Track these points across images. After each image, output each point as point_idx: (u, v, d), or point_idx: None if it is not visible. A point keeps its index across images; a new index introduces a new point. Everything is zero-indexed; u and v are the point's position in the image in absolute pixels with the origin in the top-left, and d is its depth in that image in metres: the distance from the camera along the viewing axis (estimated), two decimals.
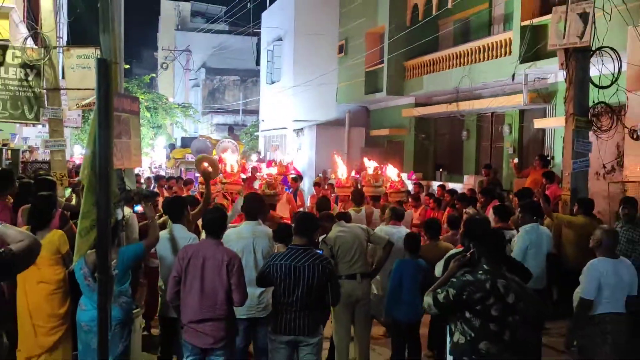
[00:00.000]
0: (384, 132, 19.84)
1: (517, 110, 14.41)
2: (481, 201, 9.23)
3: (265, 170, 11.14)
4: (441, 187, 12.27)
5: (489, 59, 14.26)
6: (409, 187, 12.25)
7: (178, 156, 23.05)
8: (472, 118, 16.14)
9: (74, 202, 7.33)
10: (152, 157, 30.45)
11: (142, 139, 6.38)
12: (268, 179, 8.79)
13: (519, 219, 6.83)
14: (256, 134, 29.26)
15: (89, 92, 8.78)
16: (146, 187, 12.44)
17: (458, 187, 13.00)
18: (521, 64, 11.89)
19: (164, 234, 5.44)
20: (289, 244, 5.01)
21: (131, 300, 5.02)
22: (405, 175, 13.70)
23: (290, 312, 4.68)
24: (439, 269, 5.22)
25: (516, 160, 13.14)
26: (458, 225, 7.31)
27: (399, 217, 6.88)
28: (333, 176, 12.08)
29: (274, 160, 16.85)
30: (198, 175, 9.37)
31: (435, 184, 14.17)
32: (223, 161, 9.24)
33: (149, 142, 30.11)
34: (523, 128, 14.56)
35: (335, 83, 21.96)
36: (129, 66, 28.80)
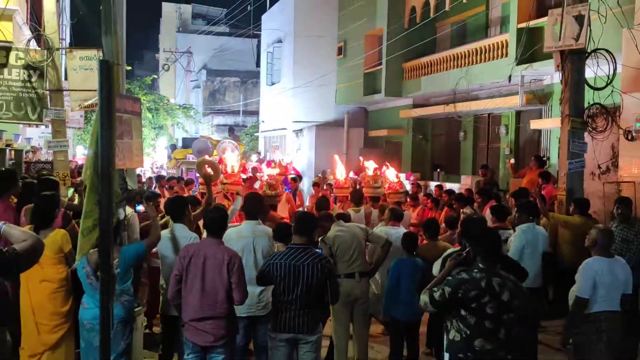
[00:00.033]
0: (383, 132, 19.85)
1: (513, 111, 14.41)
2: (478, 201, 9.23)
3: (265, 170, 11.11)
4: (439, 187, 12.27)
5: (486, 60, 14.27)
6: (407, 187, 12.24)
7: (179, 156, 23.05)
8: (469, 119, 16.15)
9: (76, 201, 7.33)
10: (154, 158, 30.44)
11: (143, 139, 6.37)
12: (269, 180, 8.77)
13: (515, 218, 6.84)
14: (256, 134, 29.25)
15: (91, 93, 8.76)
16: (147, 187, 12.43)
17: (455, 187, 13.01)
18: (517, 65, 11.90)
19: (165, 233, 5.44)
20: (289, 243, 5.01)
21: (133, 298, 5.02)
22: (403, 175, 13.69)
23: (289, 311, 4.68)
24: (436, 268, 5.21)
25: (513, 161, 13.15)
26: (456, 225, 7.31)
27: (398, 218, 6.89)
28: (332, 177, 12.07)
29: (273, 161, 16.83)
30: (199, 176, 9.36)
31: (433, 184, 14.16)
32: (223, 162, 9.23)
33: (150, 142, 30.10)
34: (519, 129, 14.57)
35: (334, 84, 21.97)
36: (130, 68, 28.85)
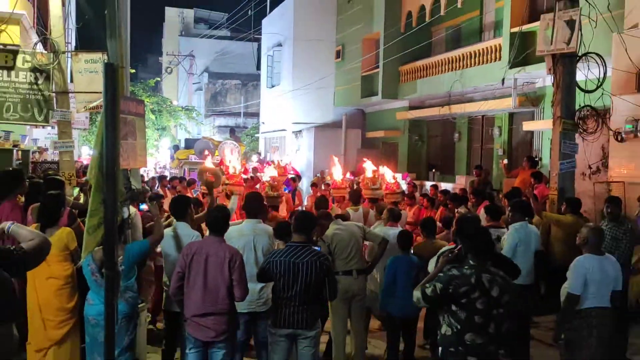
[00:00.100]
0: (379, 134, 19.85)
1: (506, 113, 14.42)
2: (472, 201, 9.23)
3: (267, 172, 11.09)
4: (434, 187, 12.28)
5: (480, 64, 14.28)
6: (403, 187, 12.24)
7: (182, 157, 23.06)
8: (463, 121, 16.15)
9: (81, 200, 7.31)
10: (157, 158, 30.43)
11: (147, 140, 6.37)
12: (271, 181, 8.77)
13: (509, 217, 6.83)
14: (257, 135, 29.23)
15: (96, 95, 8.76)
16: (150, 187, 12.40)
17: (450, 187, 13.01)
18: (510, 69, 11.91)
19: (168, 231, 5.44)
20: (288, 241, 5.01)
21: (137, 295, 5.01)
22: (400, 175, 13.70)
23: (289, 307, 4.67)
24: (432, 265, 5.22)
25: (506, 161, 13.17)
26: (451, 224, 7.30)
27: (396, 218, 6.89)
28: (329, 177, 12.05)
29: (272, 161, 16.81)
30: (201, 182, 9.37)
31: (428, 184, 14.18)
32: (224, 162, 9.22)
33: (153, 143, 30.07)
34: (512, 130, 14.58)
35: (332, 87, 21.97)
36: (134, 70, 28.75)
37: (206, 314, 4.57)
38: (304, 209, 10.94)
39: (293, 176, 13.49)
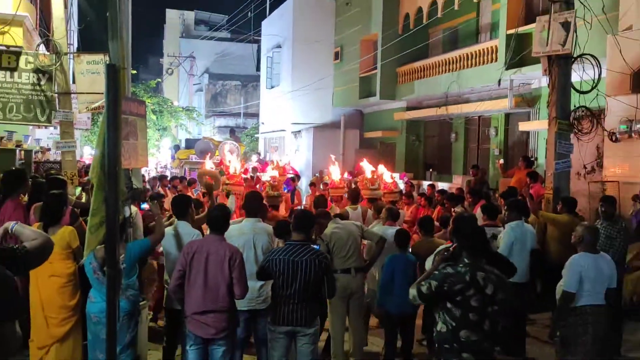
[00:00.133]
0: (377, 134, 19.85)
1: (502, 113, 14.43)
2: (469, 200, 9.23)
3: (269, 172, 11.08)
4: (431, 186, 12.28)
5: (476, 65, 14.29)
6: (401, 186, 12.25)
7: (182, 157, 23.03)
8: (460, 121, 16.16)
9: (84, 200, 7.31)
10: (158, 158, 30.38)
11: (148, 140, 6.36)
12: (272, 181, 8.77)
13: (505, 216, 6.84)
14: (256, 135, 29.22)
15: (98, 96, 8.77)
16: (151, 187, 12.38)
17: (447, 187, 13.02)
18: (507, 70, 11.89)
19: (169, 230, 5.44)
20: (288, 239, 5.01)
21: (138, 292, 5.01)
22: (397, 175, 13.71)
23: (288, 304, 4.67)
24: (429, 263, 5.22)
25: (502, 161, 13.17)
26: (448, 223, 7.32)
27: (394, 218, 6.89)
28: (327, 177, 12.04)
29: (271, 161, 16.80)
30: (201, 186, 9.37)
31: (426, 184, 14.17)
32: (224, 163, 9.22)
33: (154, 143, 30.03)
34: (508, 130, 14.59)
35: (331, 88, 21.97)
36: (136, 71, 28.79)
37: (206, 312, 4.56)
38: (303, 208, 10.94)
39: (292, 176, 13.49)
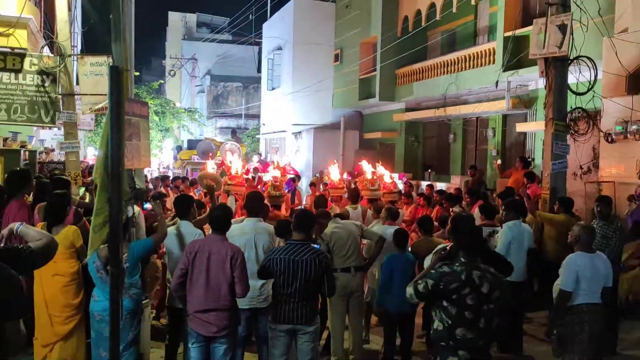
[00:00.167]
0: (377, 135, 19.86)
1: (500, 115, 14.43)
2: (467, 200, 9.24)
3: (271, 172, 11.08)
4: (430, 186, 12.28)
5: (474, 67, 14.29)
6: (400, 186, 12.25)
7: (185, 157, 23.07)
8: (458, 122, 16.16)
9: (87, 200, 7.30)
10: (160, 158, 30.39)
11: (150, 141, 6.34)
12: (273, 181, 8.77)
13: (502, 216, 6.84)
14: (257, 136, 29.23)
15: (101, 97, 8.77)
16: (154, 187, 12.39)
17: (445, 187, 13.02)
18: (504, 72, 11.92)
19: (171, 229, 5.44)
20: (289, 239, 5.01)
21: (141, 291, 5.01)
22: (397, 175, 13.71)
23: (289, 303, 4.67)
24: (427, 262, 5.23)
25: (499, 162, 13.18)
26: (447, 223, 7.31)
27: (394, 217, 6.89)
28: (326, 178, 12.05)
29: (272, 162, 16.81)
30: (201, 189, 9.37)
31: (424, 184, 14.17)
32: (225, 163, 9.22)
33: (157, 144, 30.04)
34: (506, 132, 14.59)
35: (331, 89, 21.98)
36: (138, 73, 28.79)
37: (208, 310, 4.56)
38: (303, 208, 10.94)
39: (293, 176, 13.50)
